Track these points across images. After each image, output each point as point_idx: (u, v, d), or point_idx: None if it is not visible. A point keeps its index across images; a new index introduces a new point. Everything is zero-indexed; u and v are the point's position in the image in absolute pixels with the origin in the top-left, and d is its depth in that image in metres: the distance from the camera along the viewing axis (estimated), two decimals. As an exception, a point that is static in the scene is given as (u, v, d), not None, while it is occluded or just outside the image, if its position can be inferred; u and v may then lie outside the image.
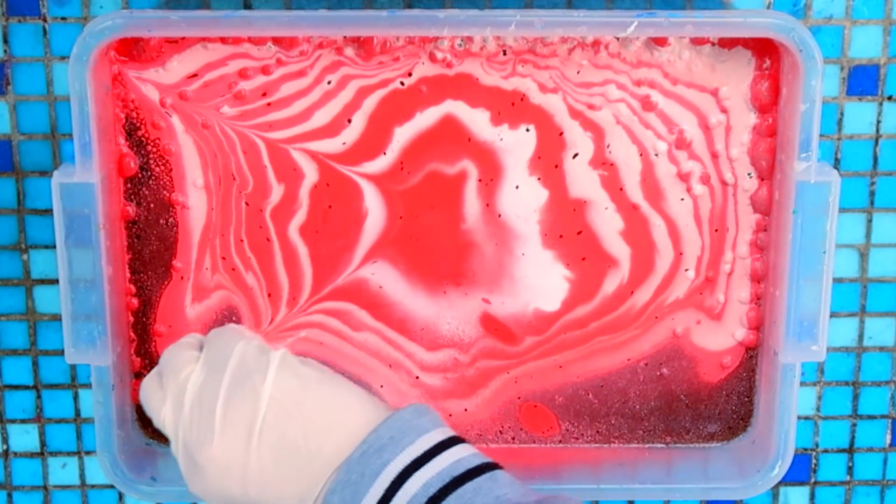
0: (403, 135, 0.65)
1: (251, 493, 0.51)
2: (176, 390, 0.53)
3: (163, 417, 0.53)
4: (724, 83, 0.64)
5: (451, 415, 0.69)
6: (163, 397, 0.54)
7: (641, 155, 0.65)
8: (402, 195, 0.65)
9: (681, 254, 0.66)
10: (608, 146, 0.65)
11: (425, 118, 0.64)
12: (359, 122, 0.64)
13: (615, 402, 0.69)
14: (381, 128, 0.64)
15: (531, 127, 0.65)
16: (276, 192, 0.65)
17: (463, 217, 0.66)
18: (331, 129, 0.65)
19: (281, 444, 0.50)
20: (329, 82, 0.64)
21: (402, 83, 0.64)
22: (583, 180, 0.65)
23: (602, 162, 0.65)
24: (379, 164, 0.65)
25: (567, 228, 0.66)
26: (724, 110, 0.64)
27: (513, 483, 0.50)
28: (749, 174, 0.65)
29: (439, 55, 0.64)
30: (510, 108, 0.64)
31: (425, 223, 0.66)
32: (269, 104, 0.64)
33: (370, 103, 0.64)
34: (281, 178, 0.65)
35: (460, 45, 0.63)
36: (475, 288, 0.67)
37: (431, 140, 0.65)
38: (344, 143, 0.65)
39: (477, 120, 0.64)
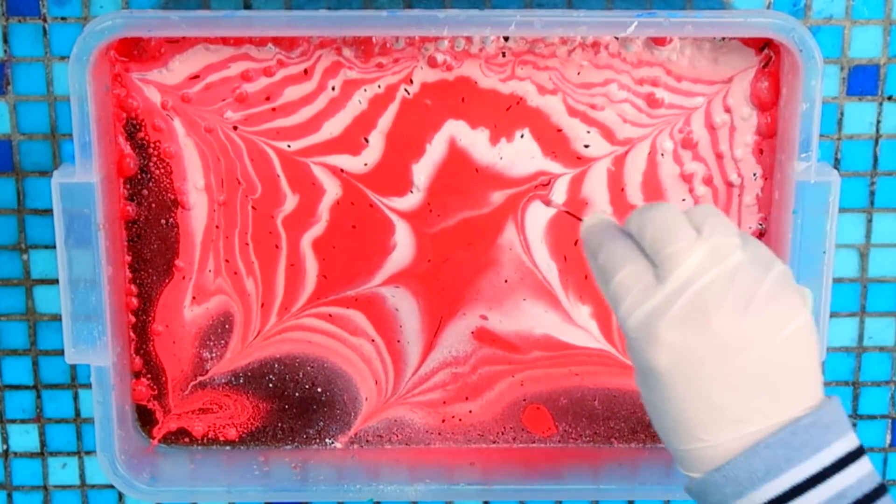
0: (422, 172, 0.65)
1: (711, 382, 0.49)
2: (720, 247, 0.50)
3: (689, 255, 0.49)
4: (727, 75, 0.64)
5: (453, 416, 0.69)
6: (696, 239, 0.50)
7: (649, 154, 0.65)
8: (434, 237, 0.66)
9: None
10: (614, 145, 0.65)
11: (435, 150, 0.65)
12: (376, 142, 0.65)
13: (620, 409, 0.69)
14: (398, 156, 0.65)
15: (525, 131, 0.65)
16: (291, 201, 0.66)
17: (493, 259, 0.67)
18: (346, 145, 0.65)
19: (775, 364, 0.49)
20: (333, 88, 0.64)
21: (407, 91, 0.64)
22: (590, 182, 0.65)
23: (610, 163, 0.65)
24: (408, 202, 0.66)
25: (567, 242, 0.66)
26: (727, 109, 0.64)
27: None
28: (754, 174, 0.65)
29: (440, 57, 0.63)
30: (506, 114, 0.64)
31: (454, 264, 0.67)
32: (273, 109, 0.64)
33: (384, 123, 0.64)
34: (297, 188, 0.65)
35: (460, 45, 0.63)
36: (473, 307, 0.68)
37: (447, 175, 0.65)
38: (366, 164, 0.65)
39: (477, 142, 0.65)
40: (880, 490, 0.49)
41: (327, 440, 0.69)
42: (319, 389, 0.69)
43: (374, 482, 0.67)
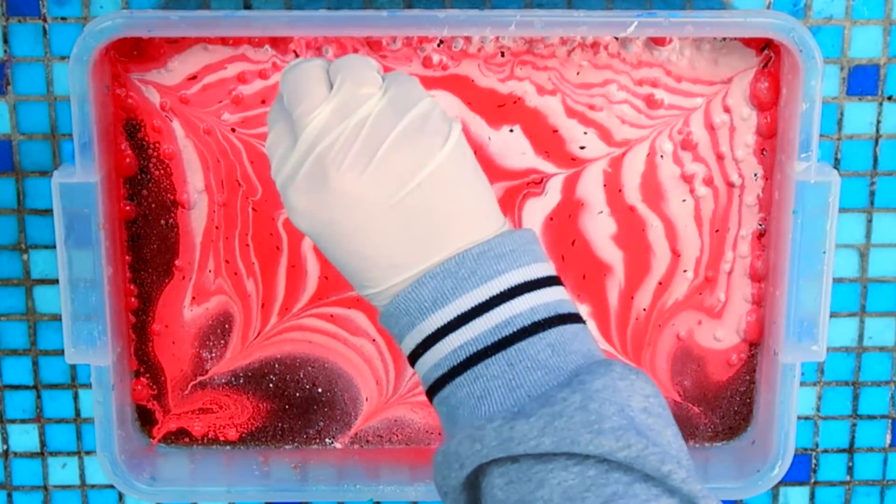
0: None
1: (354, 238, 0.48)
2: (348, 101, 0.49)
3: (315, 115, 0.48)
4: (727, 75, 0.64)
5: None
6: (326, 95, 0.49)
7: (648, 155, 0.65)
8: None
9: (678, 255, 0.66)
10: (610, 147, 0.65)
11: None
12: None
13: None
14: None
15: (516, 127, 0.65)
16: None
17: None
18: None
19: (420, 209, 0.48)
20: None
21: None
22: (585, 183, 0.65)
23: (606, 164, 0.65)
24: None
25: (564, 241, 0.66)
26: (727, 110, 0.64)
27: (594, 342, 0.50)
28: (755, 175, 0.65)
29: (435, 58, 0.63)
30: (505, 114, 0.64)
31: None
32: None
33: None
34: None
35: (458, 45, 0.63)
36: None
37: None
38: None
39: (473, 129, 0.65)
40: (559, 319, 0.48)
41: (327, 440, 0.69)
42: (320, 389, 0.69)
43: (374, 482, 0.67)
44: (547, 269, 0.49)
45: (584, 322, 0.49)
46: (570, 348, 0.47)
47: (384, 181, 0.47)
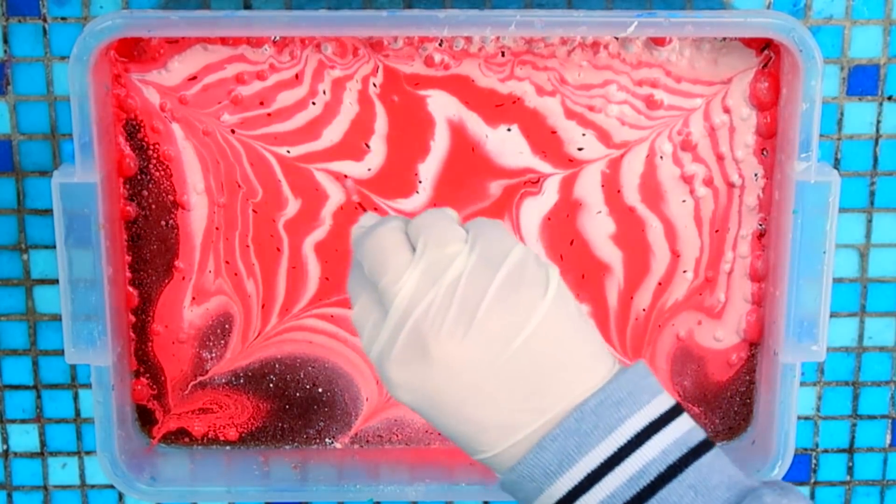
0: (428, 171, 0.65)
1: (462, 406, 0.46)
2: (436, 262, 0.46)
3: (403, 282, 0.45)
4: (727, 75, 0.64)
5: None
6: (410, 259, 0.46)
7: (647, 156, 0.65)
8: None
9: (678, 255, 0.66)
10: (609, 148, 0.65)
11: (439, 147, 0.65)
12: (378, 146, 0.65)
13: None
14: (402, 158, 0.65)
15: (514, 127, 0.65)
16: (293, 205, 0.65)
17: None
18: (348, 150, 0.65)
19: (528, 366, 0.45)
20: (324, 92, 0.64)
21: (375, 84, 0.64)
22: (583, 184, 0.65)
23: (604, 165, 0.65)
24: (413, 203, 0.65)
25: (563, 241, 0.66)
26: (726, 110, 0.64)
27: (729, 462, 0.47)
28: (755, 175, 0.65)
29: (437, 57, 0.64)
30: (503, 113, 0.64)
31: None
32: (269, 115, 0.64)
33: (381, 125, 0.64)
34: (299, 193, 0.65)
35: (459, 45, 0.63)
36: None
37: (449, 169, 0.65)
38: (369, 170, 0.65)
39: (471, 123, 0.65)
40: (693, 454, 0.45)
41: (327, 440, 0.69)
42: (320, 389, 0.69)
43: (374, 482, 0.67)
44: (667, 400, 0.46)
45: (714, 444, 0.46)
46: (712, 483, 0.45)
47: (488, 343, 0.45)
